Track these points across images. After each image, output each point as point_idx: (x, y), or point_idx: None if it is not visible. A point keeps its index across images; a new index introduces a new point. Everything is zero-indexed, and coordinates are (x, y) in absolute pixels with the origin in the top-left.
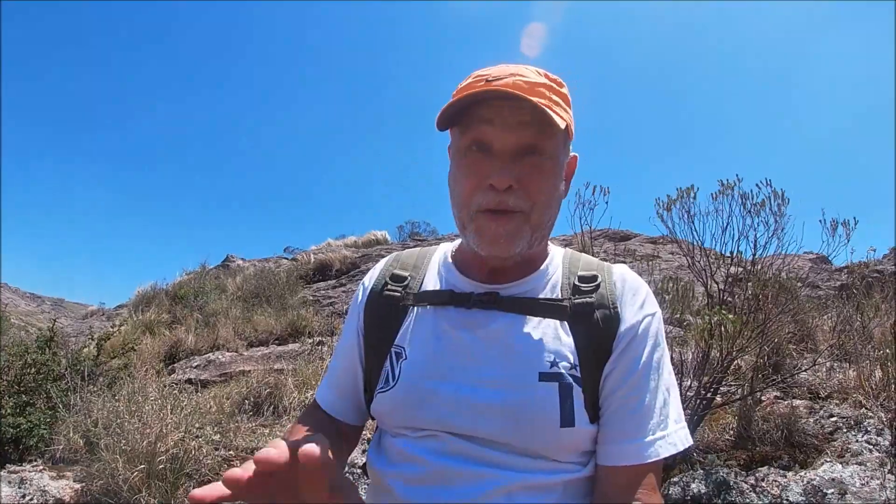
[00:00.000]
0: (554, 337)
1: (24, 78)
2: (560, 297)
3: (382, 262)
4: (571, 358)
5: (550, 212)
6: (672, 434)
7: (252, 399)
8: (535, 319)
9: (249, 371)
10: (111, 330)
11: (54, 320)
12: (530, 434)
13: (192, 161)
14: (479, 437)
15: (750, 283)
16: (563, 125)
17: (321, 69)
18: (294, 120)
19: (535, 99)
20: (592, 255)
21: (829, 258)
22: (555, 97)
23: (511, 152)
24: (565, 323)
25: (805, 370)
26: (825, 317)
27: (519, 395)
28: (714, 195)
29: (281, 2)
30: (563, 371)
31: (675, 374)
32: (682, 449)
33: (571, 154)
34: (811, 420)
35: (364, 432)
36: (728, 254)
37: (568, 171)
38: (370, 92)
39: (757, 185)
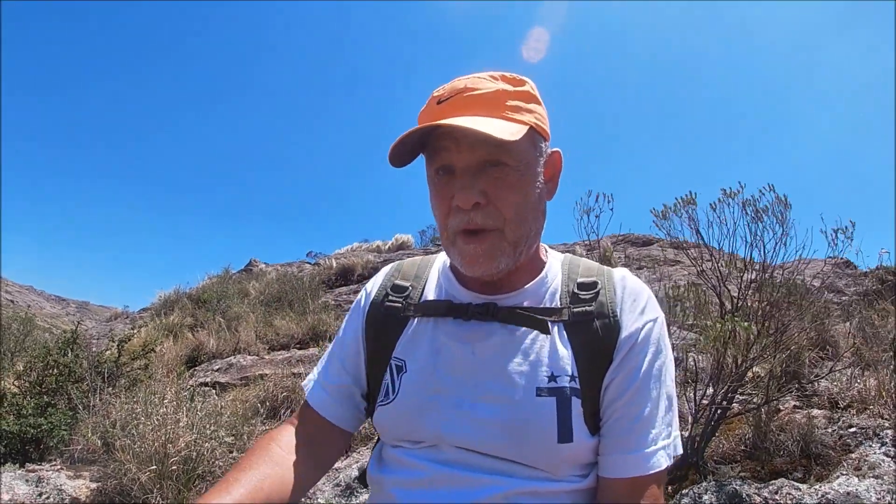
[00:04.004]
0: (552, 349)
1: (56, 92)
2: (559, 305)
3: (384, 271)
4: (570, 370)
5: (527, 223)
6: (671, 444)
7: (269, 403)
8: (533, 331)
9: (269, 374)
10: (131, 332)
11: (77, 322)
12: (528, 449)
13: (218, 167)
14: (478, 450)
15: (765, 289)
16: (515, 136)
17: (347, 74)
18: (319, 126)
19: (481, 119)
20: (614, 261)
21: (852, 262)
22: (512, 101)
23: (473, 169)
24: (564, 333)
25: (822, 377)
26: (846, 323)
27: (516, 411)
28: (713, 204)
29: (309, 3)
30: (561, 385)
31: (690, 382)
32: (674, 459)
33: (552, 150)
34: (829, 431)
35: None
36: (742, 258)
37: (551, 170)
38: (393, 97)
39: (760, 190)
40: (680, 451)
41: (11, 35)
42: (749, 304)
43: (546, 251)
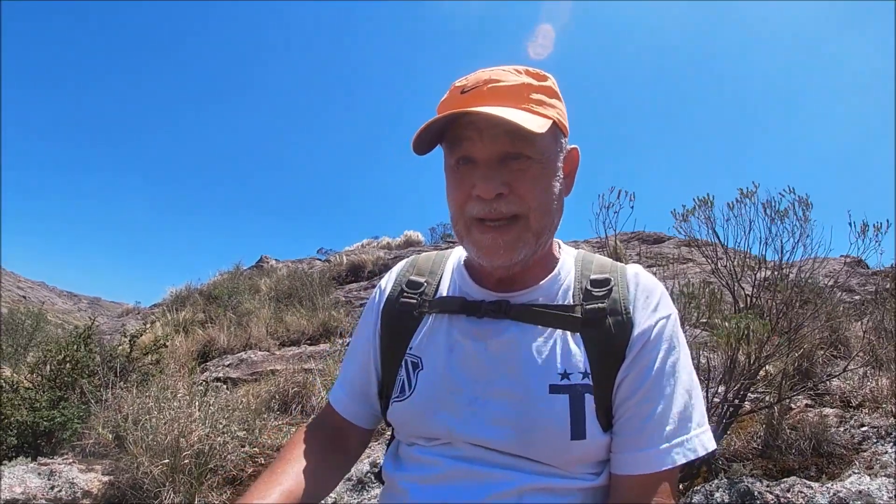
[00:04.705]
0: (565, 346)
1: (60, 91)
2: (572, 303)
3: (399, 266)
4: (582, 367)
5: (550, 215)
6: (693, 438)
7: (280, 398)
8: (546, 329)
9: (280, 370)
10: (144, 327)
11: (91, 318)
12: (540, 446)
13: (229, 165)
14: (491, 447)
15: (779, 288)
16: (542, 129)
17: (353, 72)
18: (328, 124)
19: (508, 109)
20: (624, 258)
21: (864, 261)
22: (536, 95)
23: (495, 160)
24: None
25: (836, 376)
26: (859, 323)
27: (529, 408)
28: (731, 204)
29: (318, 3)
30: (574, 382)
31: (702, 380)
32: (702, 454)
33: (570, 147)
34: (841, 429)
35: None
36: (756, 256)
37: (569, 166)
38: (400, 94)
39: (780, 192)
40: (710, 446)
41: (12, 35)
42: (763, 303)
43: (560, 247)
